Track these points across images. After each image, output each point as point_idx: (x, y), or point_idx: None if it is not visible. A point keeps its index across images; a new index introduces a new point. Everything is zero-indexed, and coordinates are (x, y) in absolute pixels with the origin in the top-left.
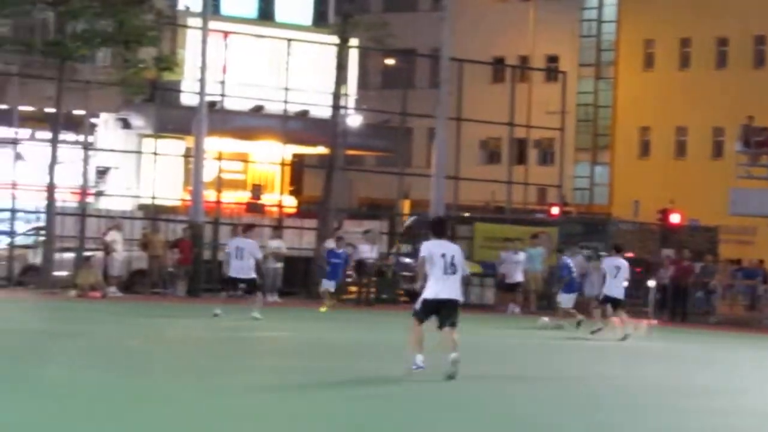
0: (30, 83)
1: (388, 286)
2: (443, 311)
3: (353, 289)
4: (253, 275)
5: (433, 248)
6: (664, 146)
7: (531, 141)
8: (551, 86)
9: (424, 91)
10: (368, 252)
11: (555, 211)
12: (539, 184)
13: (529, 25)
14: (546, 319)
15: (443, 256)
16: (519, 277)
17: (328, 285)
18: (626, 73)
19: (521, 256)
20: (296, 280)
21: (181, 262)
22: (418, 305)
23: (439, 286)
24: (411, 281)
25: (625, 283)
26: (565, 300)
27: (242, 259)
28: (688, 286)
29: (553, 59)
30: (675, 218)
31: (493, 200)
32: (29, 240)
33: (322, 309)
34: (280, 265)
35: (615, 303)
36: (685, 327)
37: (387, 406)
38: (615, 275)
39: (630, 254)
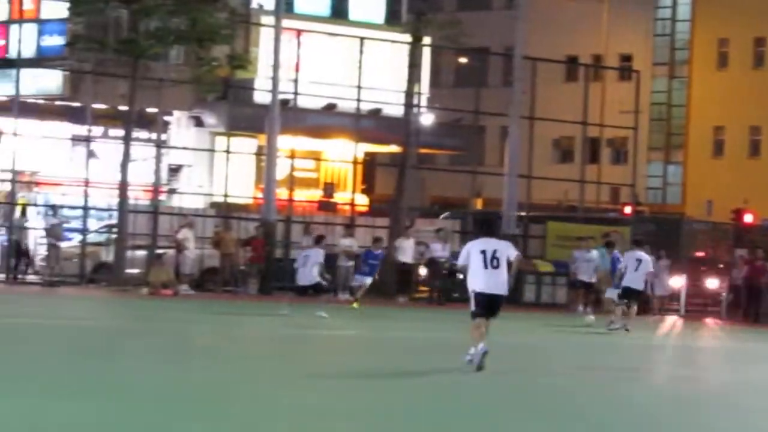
0: (103, 81)
1: (460, 285)
2: (489, 304)
3: (424, 288)
4: (317, 280)
5: (472, 246)
6: (737, 145)
7: (604, 140)
8: (625, 85)
9: (497, 90)
10: (440, 251)
11: (628, 210)
12: (612, 184)
13: (603, 24)
14: (592, 317)
15: (483, 252)
16: (591, 277)
17: (362, 280)
18: (700, 72)
19: (594, 254)
20: None
21: (253, 260)
22: (471, 305)
23: (481, 280)
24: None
25: (645, 277)
26: (612, 294)
27: (306, 266)
28: (761, 286)
29: (626, 58)
30: (748, 218)
31: (566, 199)
32: (101, 237)
33: (355, 305)
34: (351, 263)
35: (634, 294)
36: (757, 327)
37: (454, 401)
38: (636, 268)
39: (701, 253)
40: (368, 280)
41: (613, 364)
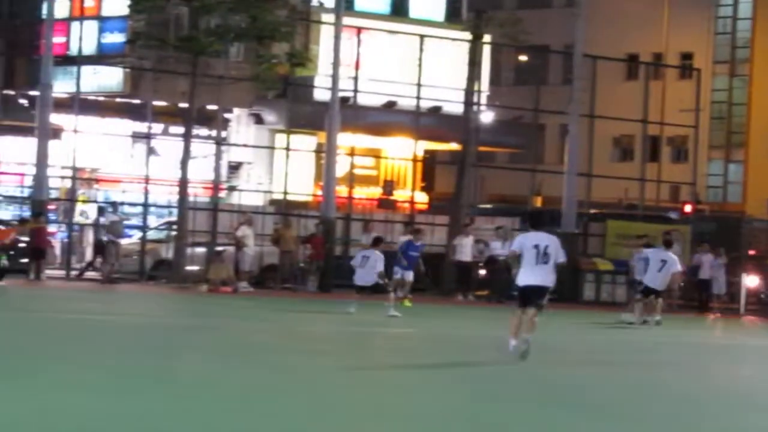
0: (164, 78)
1: None
2: (532, 295)
3: (482, 286)
4: (373, 281)
5: (525, 240)
6: None
7: (664, 138)
8: (685, 83)
9: (557, 88)
10: (499, 249)
11: (688, 209)
12: (672, 182)
13: (664, 22)
14: (627, 314)
15: (536, 246)
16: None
17: (404, 274)
18: (761, 70)
19: (644, 254)
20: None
21: (313, 257)
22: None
23: (529, 274)
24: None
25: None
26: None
27: (364, 267)
28: None
29: (687, 56)
30: None
31: (626, 198)
32: (161, 234)
33: (407, 302)
34: None
35: (654, 293)
36: None
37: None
38: (659, 269)
39: (752, 251)
40: (410, 275)
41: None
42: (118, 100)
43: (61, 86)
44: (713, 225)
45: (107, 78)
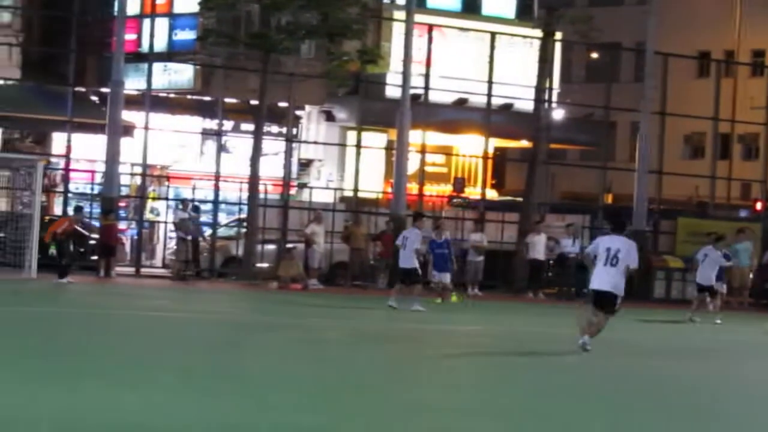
0: (234, 75)
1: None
2: (601, 300)
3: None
4: (414, 264)
5: (600, 242)
6: None
7: (735, 136)
8: (757, 81)
9: (628, 85)
10: (570, 246)
11: (759, 206)
12: (743, 180)
13: (736, 19)
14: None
15: (608, 249)
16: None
17: (441, 277)
18: None
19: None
20: (497, 273)
21: (383, 255)
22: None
23: (597, 277)
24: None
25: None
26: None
27: (405, 248)
28: None
29: (759, 54)
30: None
31: (697, 195)
32: (232, 231)
33: (454, 298)
34: (481, 258)
35: (705, 289)
36: None
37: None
38: (703, 263)
39: None
40: (446, 276)
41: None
42: (188, 97)
43: (132, 83)
44: None
45: (178, 75)
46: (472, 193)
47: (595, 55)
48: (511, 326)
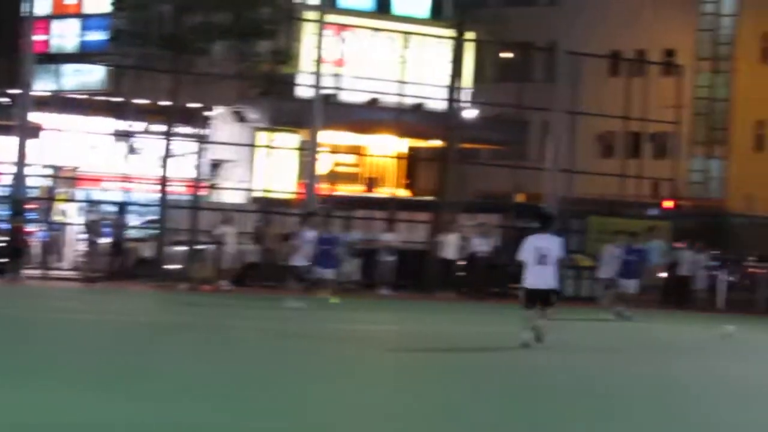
0: (146, 76)
1: (499, 280)
2: (537, 298)
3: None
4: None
5: (528, 242)
6: None
7: (646, 135)
8: (668, 80)
9: (541, 85)
10: (481, 245)
11: (668, 204)
12: (653, 178)
13: (646, 19)
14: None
15: (537, 248)
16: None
17: (323, 273)
18: (744, 67)
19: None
20: (409, 273)
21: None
22: (522, 300)
23: (531, 276)
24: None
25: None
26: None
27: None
28: None
29: (670, 53)
30: None
31: (607, 194)
32: (142, 233)
33: (333, 300)
34: (393, 258)
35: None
36: None
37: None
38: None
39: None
40: (330, 273)
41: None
42: (99, 98)
43: (42, 84)
44: (695, 221)
45: (89, 76)
46: (385, 192)
47: (507, 55)
48: (429, 326)
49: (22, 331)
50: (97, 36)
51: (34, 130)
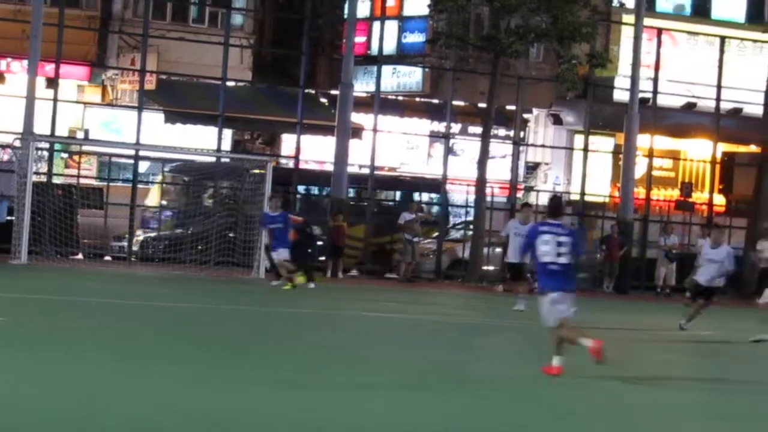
0: (463, 78)
1: None
2: None
3: None
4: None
5: None
6: None
7: None
8: None
9: None
10: None
11: None
12: None
13: None
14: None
15: None
16: None
17: (281, 255)
18: None
19: None
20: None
21: (609, 258)
22: None
23: None
24: None
25: None
26: None
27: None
28: None
29: None
30: None
31: None
32: (459, 234)
33: (287, 287)
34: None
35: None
36: None
37: None
38: None
39: None
40: (285, 254)
41: None
42: (417, 99)
43: (362, 86)
44: None
45: (407, 77)
46: (700, 198)
47: None
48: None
49: (344, 330)
50: (416, 38)
51: (353, 131)
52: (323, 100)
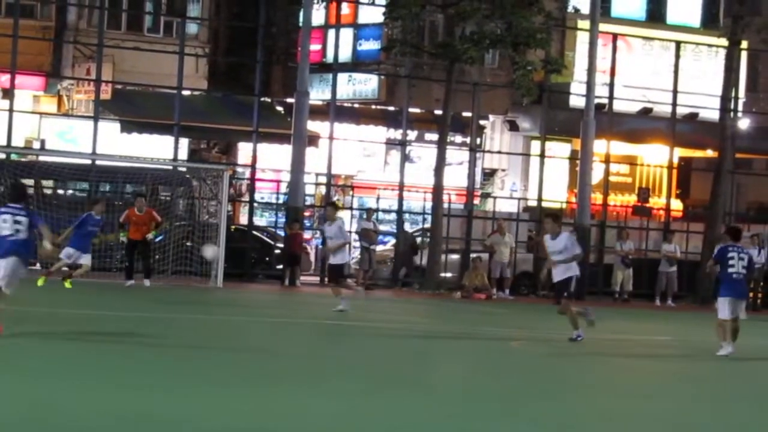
0: (419, 85)
1: None
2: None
3: None
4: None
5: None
6: None
7: None
8: None
9: None
10: (755, 256)
11: None
12: None
13: None
14: None
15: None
16: None
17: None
18: None
19: None
20: (683, 284)
21: None
22: None
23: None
24: None
25: None
26: None
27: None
28: None
29: None
30: None
31: None
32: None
33: (67, 284)
34: (673, 268)
35: None
36: None
37: None
38: None
39: None
40: (83, 257)
41: None
42: (373, 107)
43: (318, 93)
44: None
45: (363, 85)
46: (657, 203)
47: None
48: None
49: (293, 336)
50: (371, 45)
51: (309, 139)
52: (279, 108)
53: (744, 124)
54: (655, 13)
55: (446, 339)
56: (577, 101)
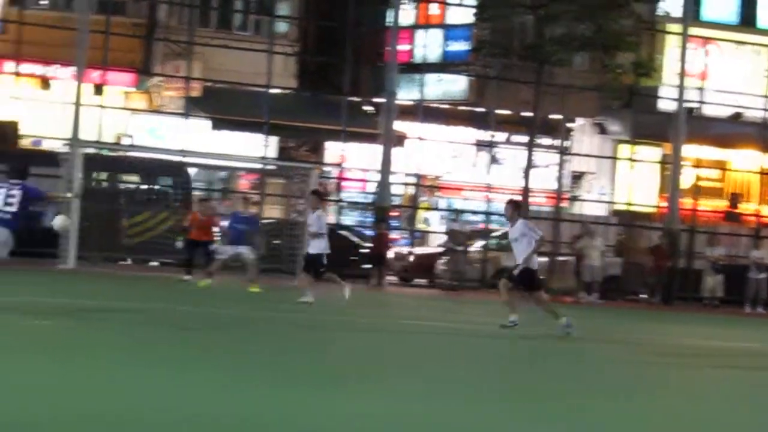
0: (507, 87)
1: None
2: None
3: None
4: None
5: None
6: None
7: None
8: None
9: None
10: None
11: None
12: None
13: None
14: None
15: None
16: None
17: (225, 251)
18: None
19: None
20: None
21: (655, 269)
22: None
23: None
24: None
25: None
26: None
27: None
28: None
29: None
30: None
31: None
32: (503, 243)
33: (202, 283)
34: (764, 275)
35: None
36: None
37: None
38: None
39: None
40: (242, 251)
41: None
42: (461, 108)
43: (406, 94)
44: None
45: (451, 86)
46: (747, 209)
47: None
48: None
49: (378, 337)
50: (460, 46)
51: (398, 139)
52: (367, 108)
53: None
54: (747, 17)
55: (534, 340)
56: (665, 105)
